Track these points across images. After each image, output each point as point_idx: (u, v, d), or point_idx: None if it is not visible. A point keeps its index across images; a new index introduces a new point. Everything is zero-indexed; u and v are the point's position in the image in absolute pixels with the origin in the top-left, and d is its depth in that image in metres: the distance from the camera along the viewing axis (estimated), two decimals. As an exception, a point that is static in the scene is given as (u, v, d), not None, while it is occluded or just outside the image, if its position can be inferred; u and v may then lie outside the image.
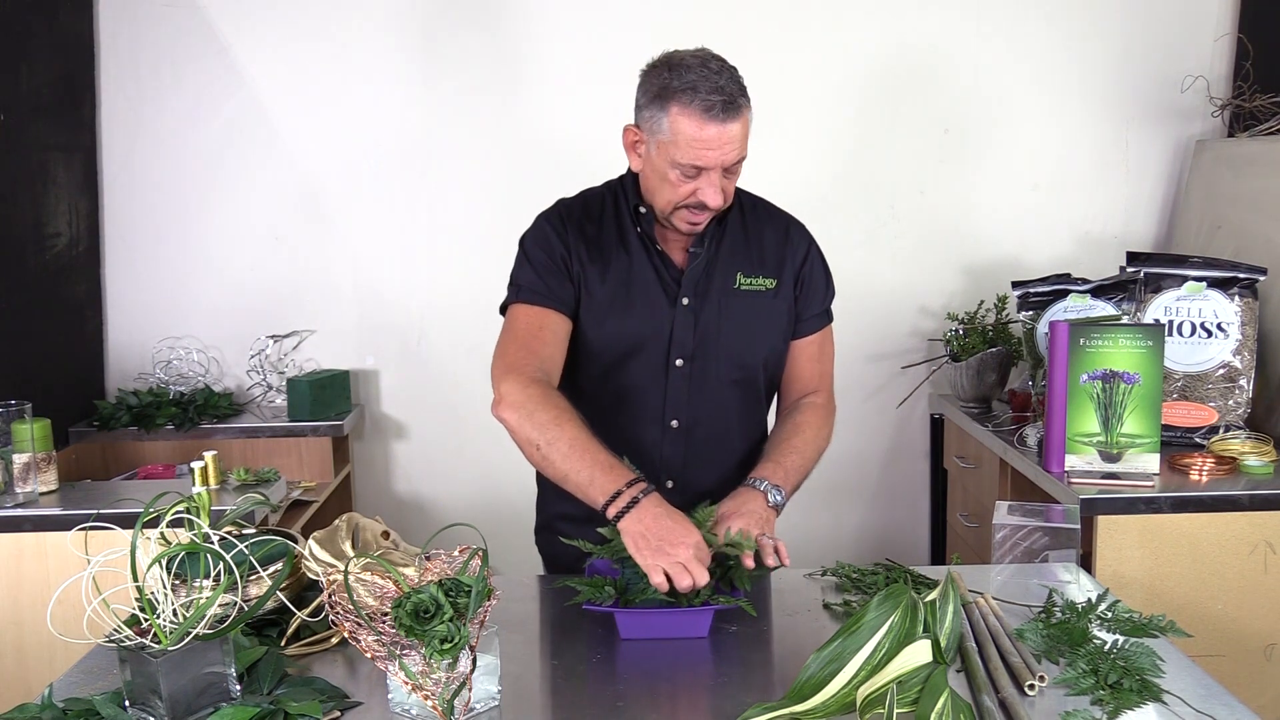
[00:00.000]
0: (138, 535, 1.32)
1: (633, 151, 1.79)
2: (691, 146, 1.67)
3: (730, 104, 1.66)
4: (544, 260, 1.81)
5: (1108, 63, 3.29)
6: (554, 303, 1.79)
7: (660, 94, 1.69)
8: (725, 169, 1.71)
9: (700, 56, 1.71)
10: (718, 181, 1.70)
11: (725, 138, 1.67)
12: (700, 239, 1.82)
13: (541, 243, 1.83)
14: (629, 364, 1.82)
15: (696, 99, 1.65)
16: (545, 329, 1.78)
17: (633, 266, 1.82)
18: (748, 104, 1.71)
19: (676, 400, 1.83)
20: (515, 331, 1.79)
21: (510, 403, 1.69)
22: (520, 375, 1.71)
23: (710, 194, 1.71)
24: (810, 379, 1.93)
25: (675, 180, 1.71)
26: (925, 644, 1.33)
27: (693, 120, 1.66)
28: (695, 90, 1.65)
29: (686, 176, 1.71)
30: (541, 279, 1.80)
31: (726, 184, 1.74)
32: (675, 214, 1.76)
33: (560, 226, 1.84)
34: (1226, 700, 1.36)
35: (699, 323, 1.82)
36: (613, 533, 1.61)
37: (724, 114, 1.66)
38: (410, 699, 1.31)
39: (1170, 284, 2.65)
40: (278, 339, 3.34)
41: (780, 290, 1.86)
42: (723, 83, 1.67)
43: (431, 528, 3.37)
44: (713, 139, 1.66)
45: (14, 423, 2.36)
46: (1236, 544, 2.28)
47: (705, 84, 1.66)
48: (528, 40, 3.25)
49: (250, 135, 3.27)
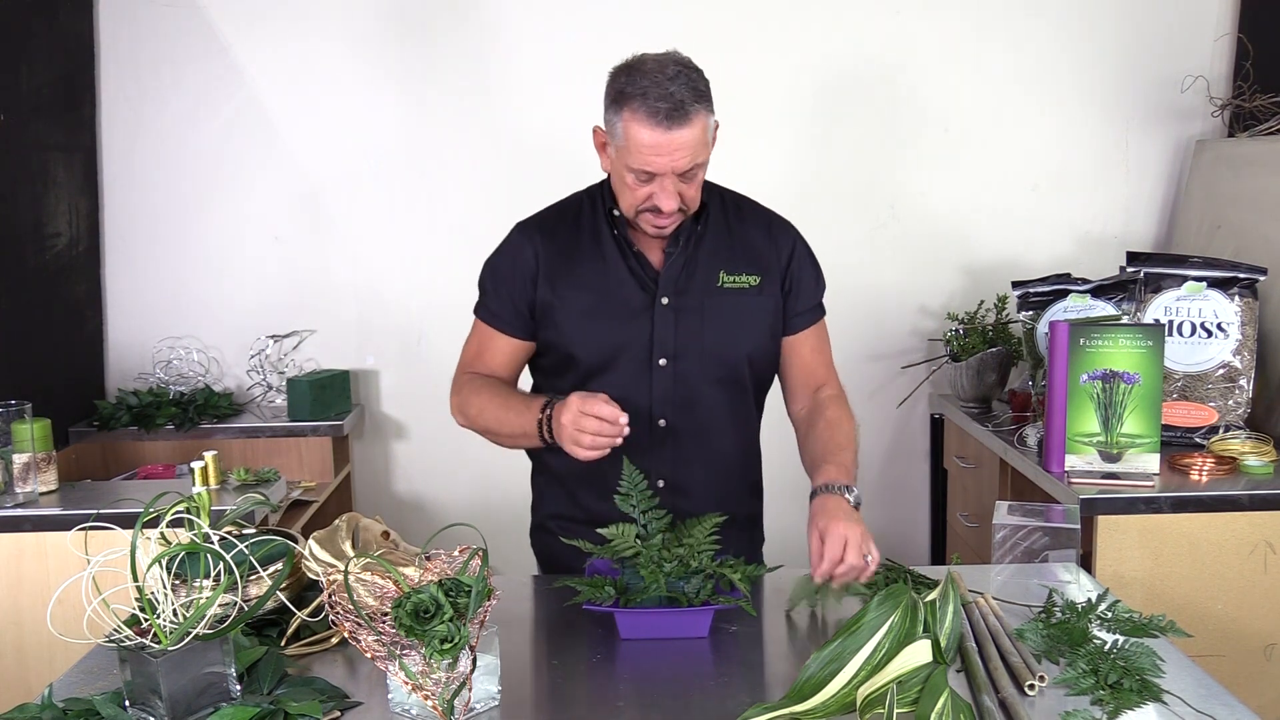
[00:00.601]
0: (138, 535, 1.32)
1: (602, 153, 1.81)
2: (641, 152, 1.69)
3: (677, 111, 1.66)
4: (496, 279, 1.90)
5: (1108, 63, 3.29)
6: (499, 324, 1.90)
7: (616, 98, 1.71)
8: (681, 174, 1.71)
9: (660, 61, 1.71)
10: (671, 187, 1.72)
11: (674, 144, 1.67)
12: (676, 238, 1.83)
13: (504, 259, 1.90)
14: (612, 366, 1.84)
15: (645, 105, 1.66)
16: (489, 347, 1.91)
17: (609, 269, 1.84)
18: (705, 109, 1.70)
19: (663, 399, 1.84)
20: (469, 345, 1.95)
21: (455, 412, 1.91)
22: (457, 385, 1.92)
23: (664, 199, 1.72)
24: (816, 371, 1.94)
25: (632, 184, 1.74)
26: (925, 644, 1.33)
27: (642, 126, 1.67)
28: (645, 96, 1.66)
29: (641, 181, 1.73)
30: (494, 298, 1.90)
31: (685, 189, 1.74)
32: (638, 217, 1.78)
33: (530, 238, 1.88)
34: (1226, 700, 1.36)
35: (680, 322, 1.83)
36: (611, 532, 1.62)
37: (670, 120, 1.66)
38: (410, 699, 1.31)
39: (1170, 284, 2.65)
40: (278, 339, 3.34)
41: (764, 287, 1.87)
42: (674, 89, 1.66)
43: (431, 528, 3.37)
44: (661, 145, 1.67)
45: (14, 423, 2.36)
46: (1236, 544, 2.28)
47: (655, 90, 1.66)
48: (527, 40, 3.25)
49: (250, 135, 3.27)
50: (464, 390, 1.89)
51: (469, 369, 1.94)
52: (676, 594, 1.59)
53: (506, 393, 1.86)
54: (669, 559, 1.58)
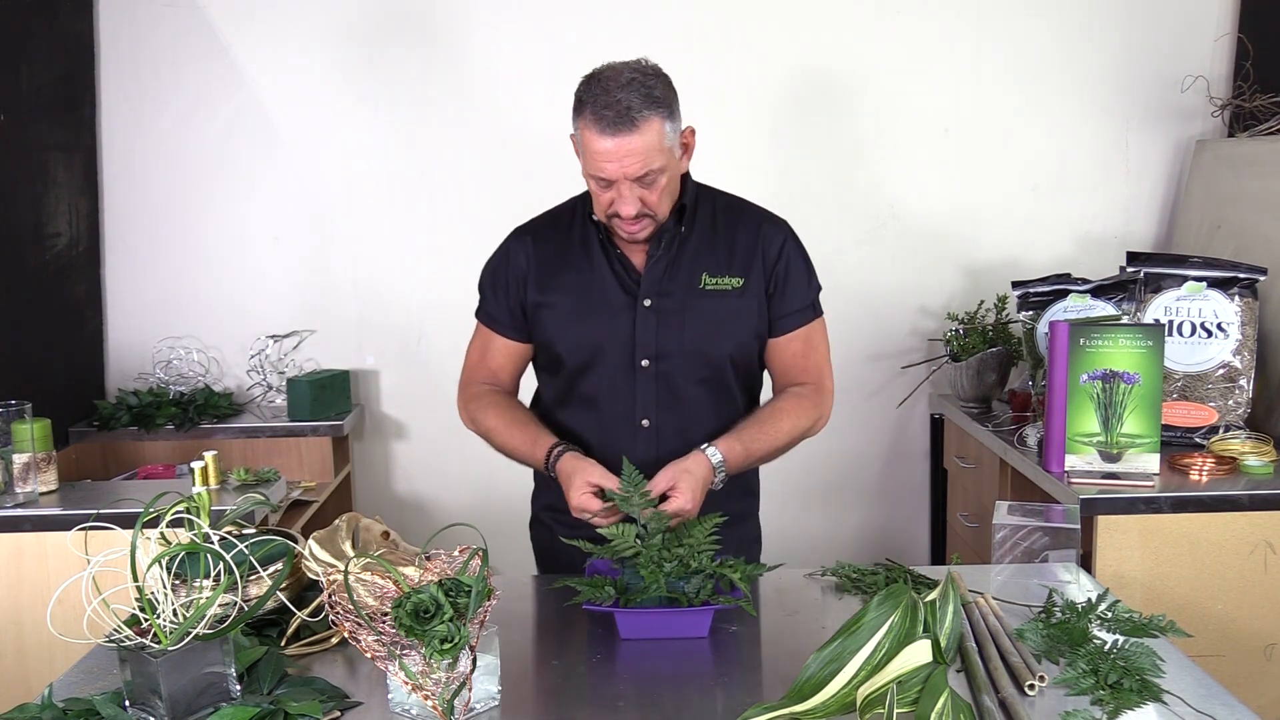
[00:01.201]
0: (138, 535, 1.32)
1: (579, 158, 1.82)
2: (593, 159, 1.72)
3: (622, 118, 1.67)
4: (494, 283, 1.94)
5: (1108, 63, 3.29)
6: (498, 327, 1.95)
7: (575, 107, 1.75)
8: (638, 180, 1.72)
9: (617, 68, 1.72)
10: (629, 193, 1.73)
11: (621, 151, 1.69)
12: (659, 240, 1.84)
13: (498, 264, 1.95)
14: (596, 367, 1.87)
15: (593, 113, 1.69)
16: (491, 349, 1.97)
17: (593, 272, 1.87)
18: (659, 115, 1.70)
19: (646, 400, 1.86)
20: (473, 347, 2.00)
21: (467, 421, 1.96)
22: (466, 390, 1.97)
23: (622, 205, 1.74)
24: (798, 374, 1.92)
25: (596, 191, 1.78)
26: (925, 644, 1.33)
27: (590, 133, 1.70)
28: (594, 104, 1.69)
29: (601, 187, 1.76)
30: (492, 302, 1.95)
31: (646, 194, 1.75)
32: (610, 222, 1.81)
33: (522, 243, 1.92)
34: (1226, 700, 1.36)
35: (662, 323, 1.85)
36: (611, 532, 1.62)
37: (614, 128, 1.68)
38: (410, 699, 1.32)
39: (1170, 284, 2.65)
40: (278, 339, 3.33)
41: (747, 289, 1.87)
42: (621, 96, 1.68)
43: (431, 528, 3.37)
44: (608, 152, 1.69)
45: (14, 423, 2.36)
46: (1236, 544, 2.28)
47: (603, 98, 1.68)
48: (527, 41, 3.25)
49: (250, 135, 3.27)
50: (477, 404, 1.94)
51: (475, 373, 1.98)
52: (676, 594, 1.59)
53: (516, 418, 1.91)
54: (669, 559, 1.58)
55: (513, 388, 2.00)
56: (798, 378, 1.92)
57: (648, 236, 1.82)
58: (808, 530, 3.40)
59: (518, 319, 1.92)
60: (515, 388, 2.00)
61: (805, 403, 1.89)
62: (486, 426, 1.91)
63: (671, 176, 1.77)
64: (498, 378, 1.97)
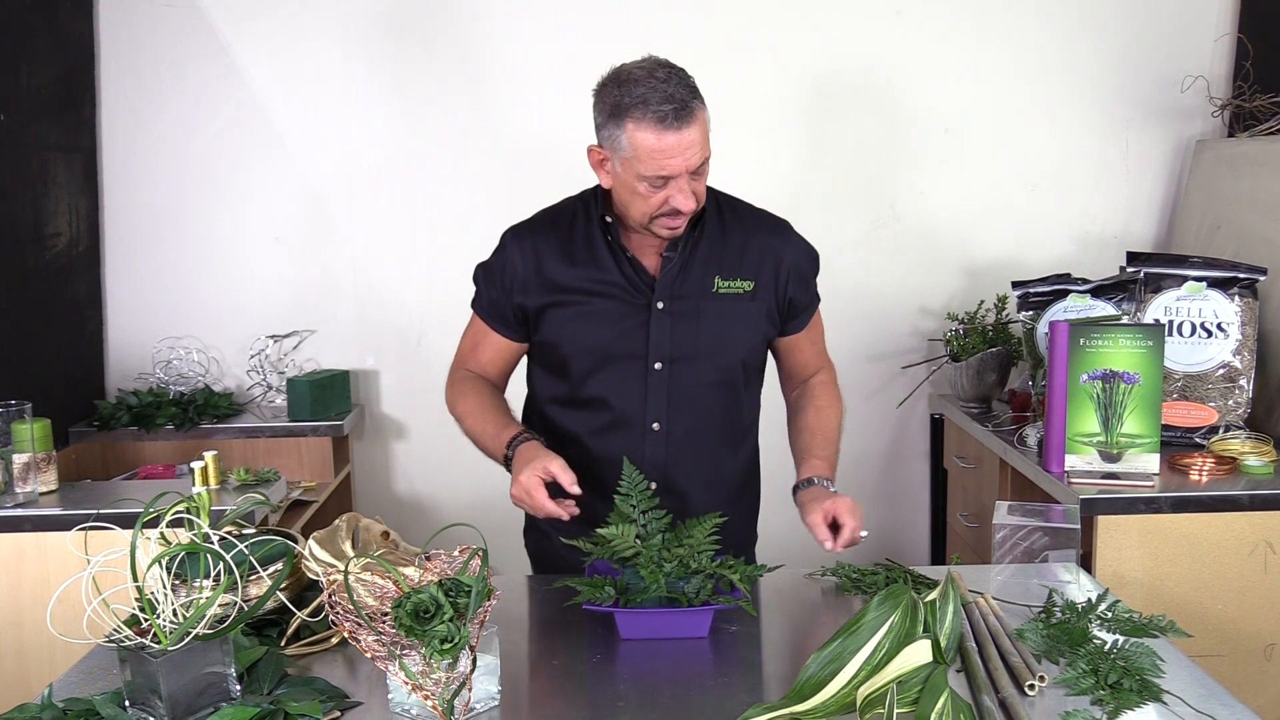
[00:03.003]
0: (138, 535, 1.32)
1: (600, 170, 1.81)
2: (654, 158, 1.69)
3: (683, 109, 1.67)
4: (489, 280, 1.93)
5: (1108, 63, 3.29)
6: (491, 322, 1.94)
7: (614, 112, 1.70)
8: (692, 172, 1.72)
9: (646, 67, 1.71)
10: (687, 187, 1.72)
11: (684, 143, 1.68)
12: (673, 244, 1.84)
13: (494, 263, 1.92)
14: (607, 370, 1.85)
15: (649, 111, 1.67)
16: (482, 342, 1.96)
17: (603, 274, 1.85)
18: (702, 104, 1.72)
19: (657, 404, 1.85)
20: (467, 335, 1.99)
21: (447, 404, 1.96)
22: (452, 375, 1.98)
23: (681, 200, 1.73)
24: (811, 362, 2.01)
25: (645, 192, 1.73)
26: (925, 644, 1.33)
27: (649, 133, 1.67)
28: (646, 103, 1.67)
29: (655, 187, 1.72)
30: (486, 297, 1.94)
31: (696, 185, 1.75)
32: (654, 224, 1.78)
33: (521, 243, 1.89)
34: (1226, 700, 1.36)
35: (676, 326, 1.84)
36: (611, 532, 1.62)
37: (678, 121, 1.67)
38: (410, 699, 1.32)
39: (1170, 284, 2.65)
40: (278, 339, 3.33)
41: (758, 292, 1.87)
42: (671, 90, 1.67)
43: (431, 528, 3.37)
44: (672, 147, 1.68)
45: (14, 423, 2.36)
46: (1236, 544, 2.28)
47: (655, 95, 1.67)
48: (527, 42, 3.25)
49: (250, 135, 3.27)
50: (458, 389, 1.95)
51: (464, 363, 1.99)
52: (676, 594, 1.59)
53: (486, 410, 1.90)
54: (669, 559, 1.58)
55: (500, 383, 1.99)
56: (811, 365, 2.01)
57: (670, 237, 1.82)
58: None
59: (511, 319, 1.91)
60: (503, 383, 1.99)
61: (832, 389, 2.01)
62: (460, 411, 1.92)
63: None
64: (486, 371, 1.96)
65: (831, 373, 2.03)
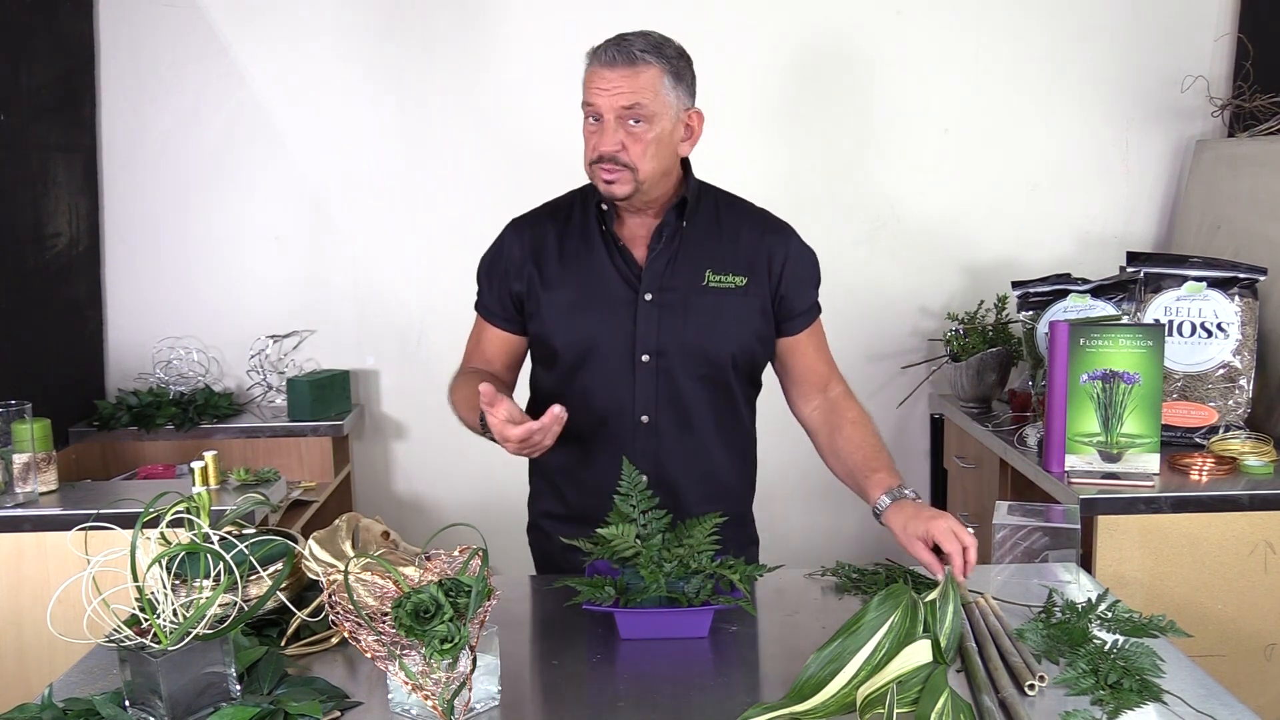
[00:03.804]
0: (138, 535, 1.32)
1: None
2: (587, 89, 1.79)
3: (623, 50, 1.76)
4: (489, 273, 1.94)
5: (1108, 63, 3.29)
6: (492, 318, 1.95)
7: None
8: (625, 118, 1.76)
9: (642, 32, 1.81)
10: (613, 129, 1.76)
11: (613, 80, 1.75)
12: (659, 234, 1.84)
13: (494, 255, 1.95)
14: (595, 360, 1.85)
15: (598, 49, 1.78)
16: (485, 339, 1.97)
17: (593, 264, 1.86)
18: (659, 65, 1.77)
19: (645, 396, 1.85)
20: (471, 336, 2.00)
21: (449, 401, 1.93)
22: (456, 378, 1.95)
23: (604, 140, 1.77)
24: (820, 370, 1.96)
25: (586, 132, 1.80)
26: (925, 644, 1.33)
27: (591, 68, 1.79)
28: (603, 44, 1.78)
29: (591, 130, 1.79)
30: (487, 294, 1.95)
31: (628, 140, 1.77)
32: (592, 171, 1.82)
33: (519, 234, 1.92)
34: (1226, 700, 1.36)
35: (663, 318, 1.84)
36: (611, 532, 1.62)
37: (614, 57, 1.76)
38: (410, 699, 1.31)
39: (1170, 284, 2.65)
40: (278, 339, 3.33)
41: (751, 288, 1.87)
42: (631, 38, 1.78)
43: (431, 528, 3.37)
44: (602, 79, 1.76)
45: (14, 423, 2.36)
46: (1236, 544, 2.28)
47: (613, 39, 1.78)
48: (527, 40, 3.25)
49: (250, 135, 3.27)
50: (453, 385, 1.96)
51: (469, 362, 1.98)
52: (676, 594, 1.59)
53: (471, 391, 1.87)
54: (669, 559, 1.58)
55: (507, 378, 1.97)
56: (823, 375, 1.95)
57: (626, 195, 1.79)
58: (808, 530, 3.40)
59: (510, 310, 1.91)
60: (511, 379, 1.98)
61: (856, 400, 1.96)
62: (453, 402, 1.91)
63: (661, 137, 1.78)
64: (490, 367, 1.96)
65: (846, 384, 1.97)
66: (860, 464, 1.82)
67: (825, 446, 1.91)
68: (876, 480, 1.77)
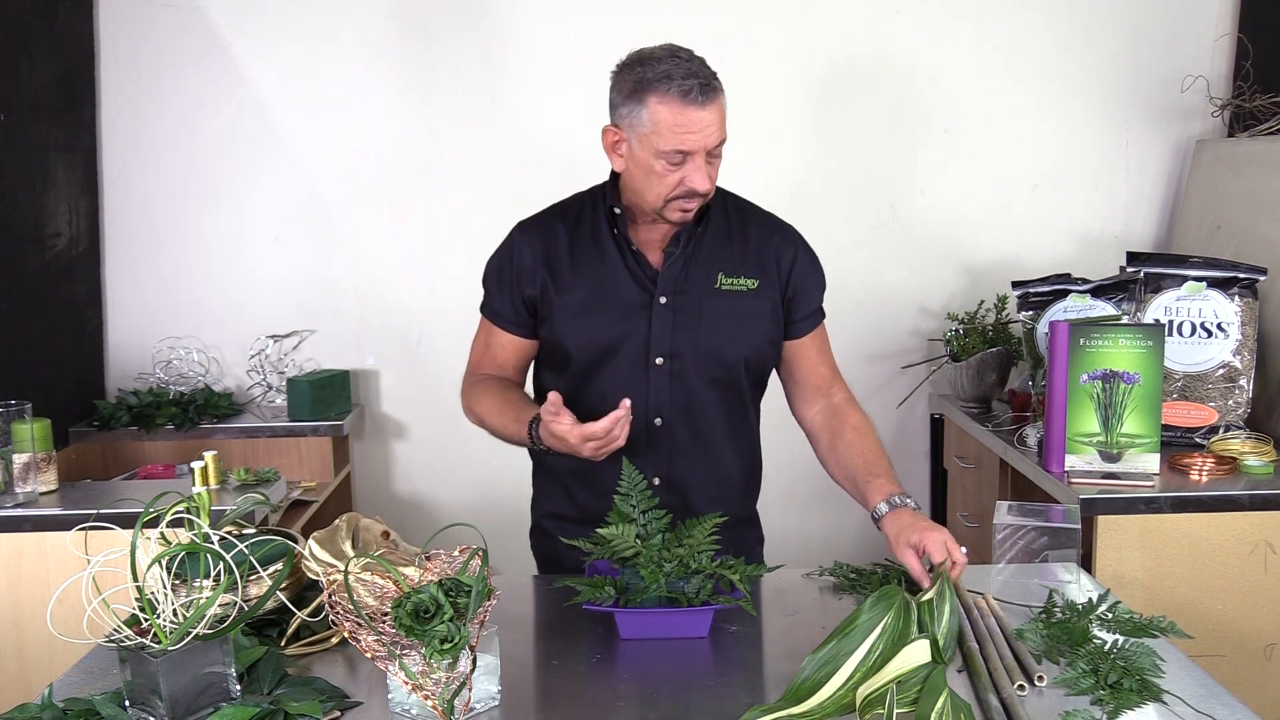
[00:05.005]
0: (138, 535, 1.32)
1: (613, 153, 1.80)
2: (674, 132, 1.70)
3: (706, 86, 1.70)
4: (498, 277, 1.92)
5: (1108, 63, 3.29)
6: (501, 322, 1.92)
7: (636, 88, 1.72)
8: (708, 152, 1.73)
9: (668, 49, 1.74)
10: (703, 166, 1.73)
11: (706, 120, 1.70)
12: (676, 238, 1.83)
13: (502, 258, 1.92)
14: (609, 363, 1.85)
15: (674, 86, 1.69)
16: (494, 344, 1.94)
17: (606, 268, 1.85)
18: (721, 88, 1.74)
19: (659, 398, 1.84)
20: (477, 341, 1.98)
21: (465, 410, 1.93)
22: (466, 382, 1.95)
23: (698, 179, 1.73)
24: (823, 374, 1.95)
25: (662, 171, 1.73)
26: (924, 644, 1.33)
27: (672, 107, 1.69)
28: (670, 78, 1.69)
29: (672, 165, 1.73)
30: (495, 297, 1.92)
31: (711, 169, 1.75)
32: (668, 206, 1.77)
33: (528, 237, 1.90)
34: (1226, 700, 1.36)
35: (677, 321, 1.84)
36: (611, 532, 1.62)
37: (702, 96, 1.69)
38: (410, 699, 1.32)
39: (1170, 284, 2.65)
40: (278, 339, 3.34)
41: (762, 291, 1.87)
42: (695, 68, 1.71)
43: (431, 528, 3.37)
44: (694, 122, 1.69)
45: (14, 423, 2.36)
46: (1236, 544, 2.28)
47: (679, 71, 1.70)
48: (527, 41, 3.25)
49: (250, 135, 3.27)
50: (472, 391, 1.92)
51: (477, 368, 1.96)
52: (676, 594, 1.59)
53: (505, 399, 1.87)
54: (669, 559, 1.58)
55: (520, 381, 1.97)
56: (825, 379, 1.95)
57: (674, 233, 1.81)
58: (808, 530, 3.40)
59: (522, 314, 1.90)
60: (522, 382, 1.98)
61: (858, 407, 1.93)
62: (480, 412, 1.88)
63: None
64: (503, 372, 1.95)
65: (848, 390, 1.96)
66: (861, 469, 1.82)
67: (826, 452, 1.91)
68: (877, 486, 1.77)
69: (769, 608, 1.71)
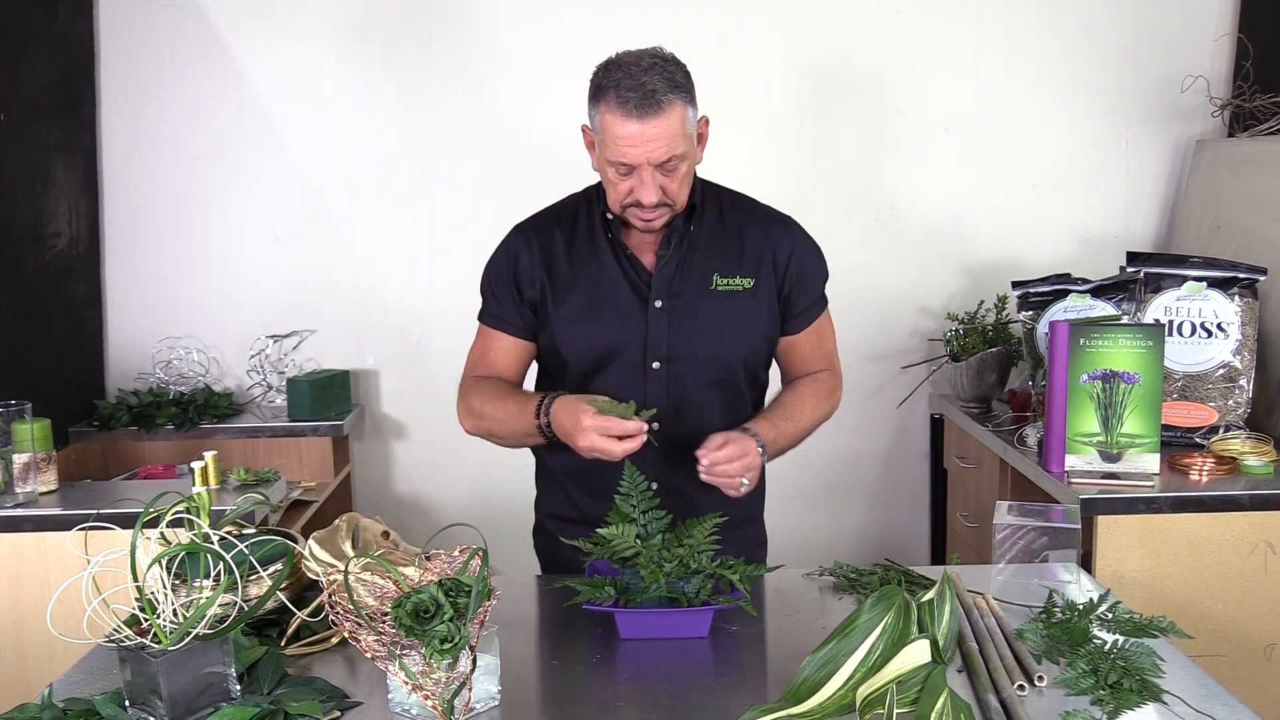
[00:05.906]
0: (138, 535, 1.32)
1: (591, 152, 1.81)
2: (616, 144, 1.69)
3: (648, 101, 1.66)
4: (495, 282, 1.91)
5: (1108, 63, 3.29)
6: (501, 325, 1.91)
7: (594, 93, 1.72)
8: (660, 166, 1.71)
9: (637, 55, 1.72)
10: (650, 180, 1.71)
11: (646, 135, 1.67)
12: (668, 240, 1.82)
13: (500, 262, 1.91)
14: (606, 369, 1.84)
15: (617, 96, 1.67)
16: (493, 349, 1.92)
17: (602, 272, 1.84)
18: (681, 100, 1.69)
19: (656, 403, 1.83)
20: (475, 348, 1.95)
21: (462, 417, 1.90)
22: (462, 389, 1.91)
23: (644, 192, 1.72)
24: (812, 365, 1.96)
25: (614, 179, 1.74)
26: (924, 644, 1.33)
27: (614, 117, 1.68)
28: (618, 88, 1.67)
29: (621, 175, 1.73)
30: (494, 301, 1.91)
31: (666, 182, 1.73)
32: (625, 213, 1.78)
33: (525, 240, 1.89)
34: (1226, 700, 1.36)
35: (673, 325, 1.83)
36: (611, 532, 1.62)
37: (640, 110, 1.66)
38: (410, 699, 1.32)
39: (1170, 284, 2.65)
40: (278, 339, 3.34)
41: (758, 289, 1.86)
42: (646, 79, 1.67)
43: (431, 528, 3.37)
44: (633, 136, 1.67)
45: (14, 423, 2.36)
46: (1236, 544, 2.28)
47: (627, 81, 1.67)
48: (527, 41, 3.25)
49: (250, 135, 3.27)
50: (470, 395, 1.90)
51: (473, 373, 1.94)
52: (676, 594, 1.59)
53: (505, 392, 1.87)
54: (669, 559, 1.58)
55: (518, 384, 1.96)
56: (811, 368, 1.95)
57: (663, 225, 1.79)
58: (808, 530, 3.40)
59: (525, 316, 1.89)
60: (520, 385, 1.97)
61: (822, 387, 1.93)
62: (478, 410, 1.86)
63: (690, 165, 1.76)
64: (504, 378, 1.92)
65: (831, 375, 1.96)
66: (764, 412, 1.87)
67: None
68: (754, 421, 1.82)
69: (769, 608, 1.71)
